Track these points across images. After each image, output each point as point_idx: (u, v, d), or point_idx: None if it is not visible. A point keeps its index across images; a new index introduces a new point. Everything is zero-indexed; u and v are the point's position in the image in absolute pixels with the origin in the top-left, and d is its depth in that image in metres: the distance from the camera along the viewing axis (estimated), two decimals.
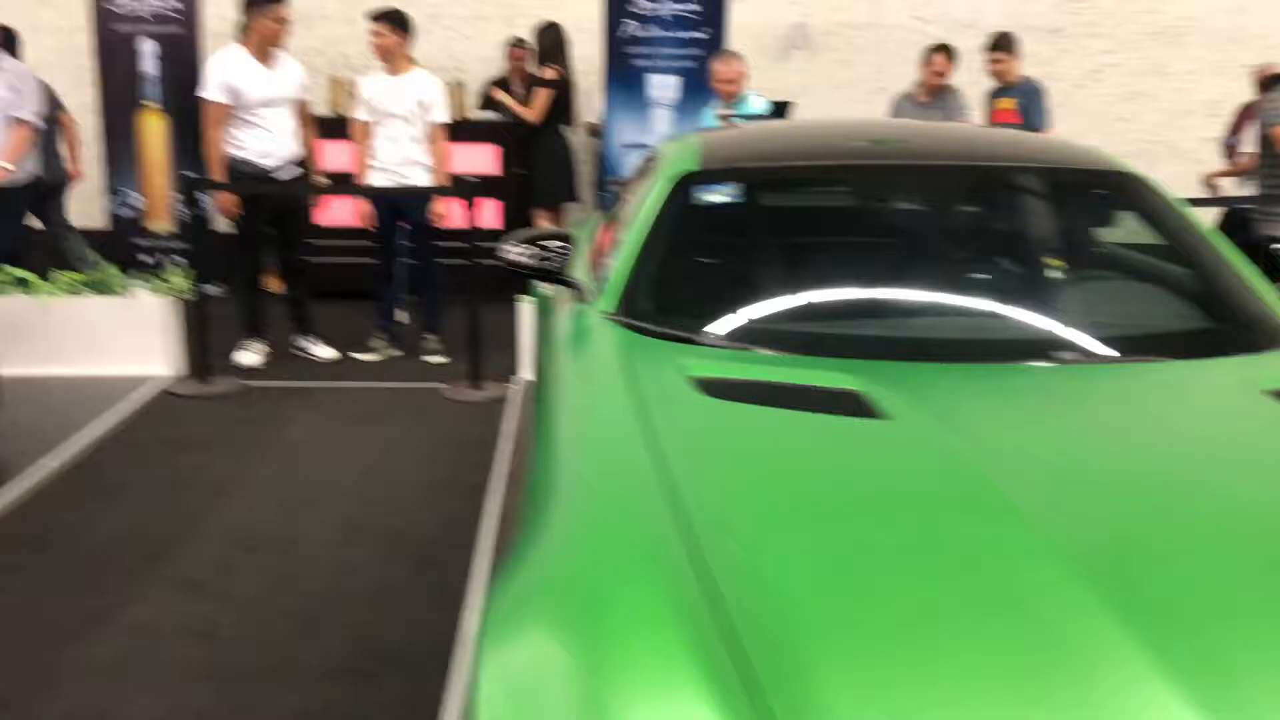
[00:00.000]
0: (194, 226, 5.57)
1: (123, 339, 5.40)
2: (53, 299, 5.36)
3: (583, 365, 2.46)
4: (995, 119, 6.56)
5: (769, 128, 4.41)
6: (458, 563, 3.52)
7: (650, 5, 7.01)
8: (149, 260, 7.37)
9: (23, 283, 5.37)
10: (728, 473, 1.75)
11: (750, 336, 2.39)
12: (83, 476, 4.26)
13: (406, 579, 3.43)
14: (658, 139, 7.23)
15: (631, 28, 7.01)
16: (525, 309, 5.42)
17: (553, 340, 2.97)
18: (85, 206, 7.60)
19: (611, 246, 3.01)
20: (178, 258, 7.26)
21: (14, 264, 5.47)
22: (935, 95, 6.73)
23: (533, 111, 7.20)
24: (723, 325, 2.43)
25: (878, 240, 3.06)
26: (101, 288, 5.41)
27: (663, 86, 7.15)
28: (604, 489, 1.76)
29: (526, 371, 5.44)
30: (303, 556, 3.58)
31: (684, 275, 2.81)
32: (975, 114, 6.91)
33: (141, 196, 7.39)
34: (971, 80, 6.96)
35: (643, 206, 2.87)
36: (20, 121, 5.75)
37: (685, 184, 2.89)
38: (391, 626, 3.12)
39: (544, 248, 2.94)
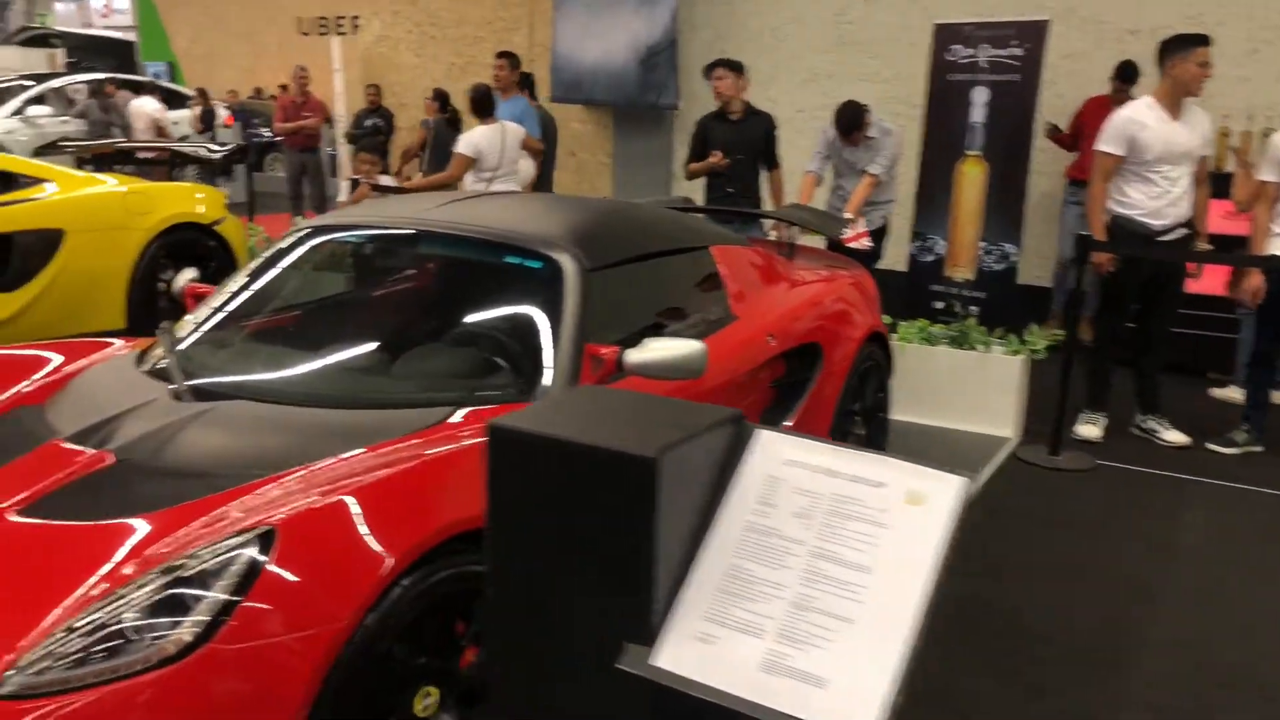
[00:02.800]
0: (1074, 286, 5.17)
1: (971, 394, 5.25)
2: (906, 344, 5.38)
3: None
4: None
5: None
6: None
7: None
8: (939, 306, 7.34)
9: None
10: None
11: None
12: (968, 545, 4.08)
13: None
14: None
15: None
16: None
17: None
18: (889, 248, 7.82)
19: None
20: (973, 307, 7.14)
21: None
22: None
23: None
24: None
25: None
26: (959, 340, 5.31)
27: None
28: None
29: None
30: None
31: None
32: None
33: (946, 243, 7.37)
34: None
35: None
36: (868, 174, 6.11)
37: None
38: None
39: None
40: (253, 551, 2.02)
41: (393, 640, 2.14)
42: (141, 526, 2.19)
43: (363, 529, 2.14)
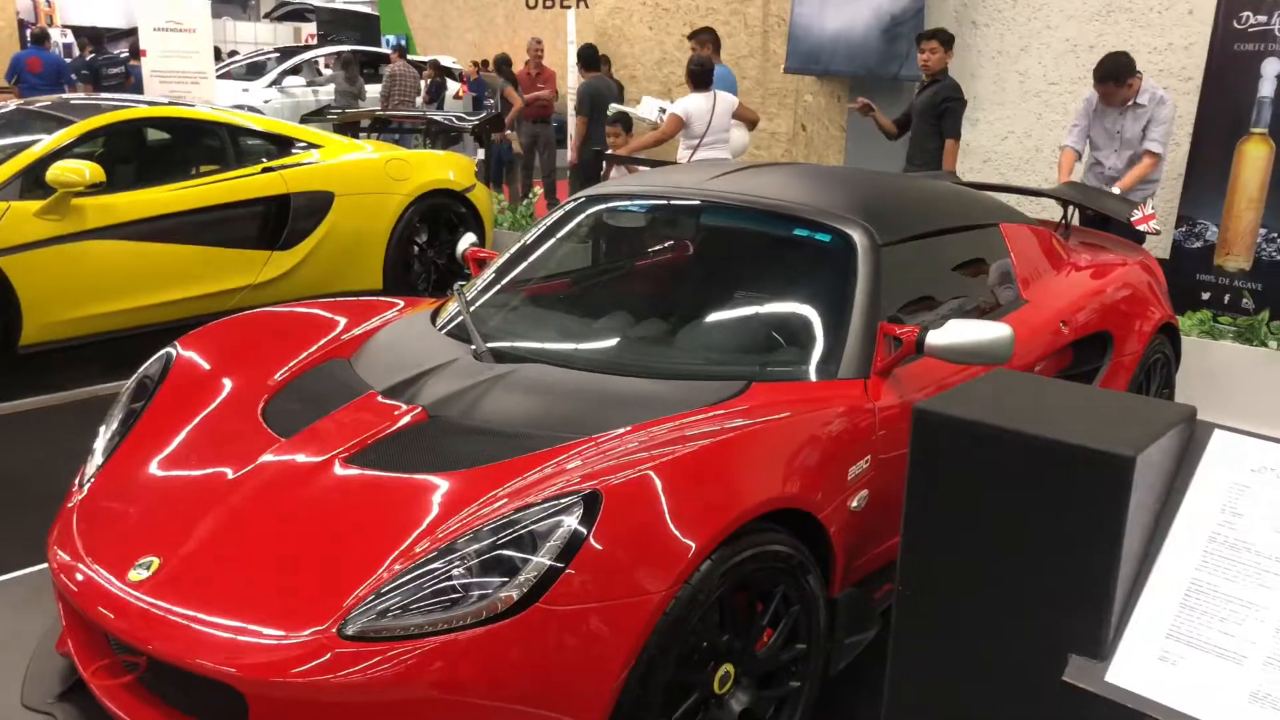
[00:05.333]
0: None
1: (1259, 395, 4.79)
2: (1185, 337, 4.96)
3: None
4: None
5: None
6: None
7: None
8: (1206, 297, 6.77)
9: None
10: None
11: None
12: None
13: None
14: None
15: None
16: None
17: None
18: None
19: None
20: (1246, 300, 6.54)
21: None
22: None
23: None
24: None
25: None
26: (1247, 334, 4.86)
27: None
28: None
29: None
30: None
31: None
32: None
33: (1218, 229, 6.77)
34: None
35: None
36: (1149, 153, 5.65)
37: None
38: None
39: None
40: (578, 515, 2.03)
41: (699, 616, 2.11)
42: (463, 482, 2.25)
43: (679, 502, 2.12)
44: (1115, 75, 5.58)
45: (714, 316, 3.02)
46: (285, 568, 2.16)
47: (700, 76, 6.93)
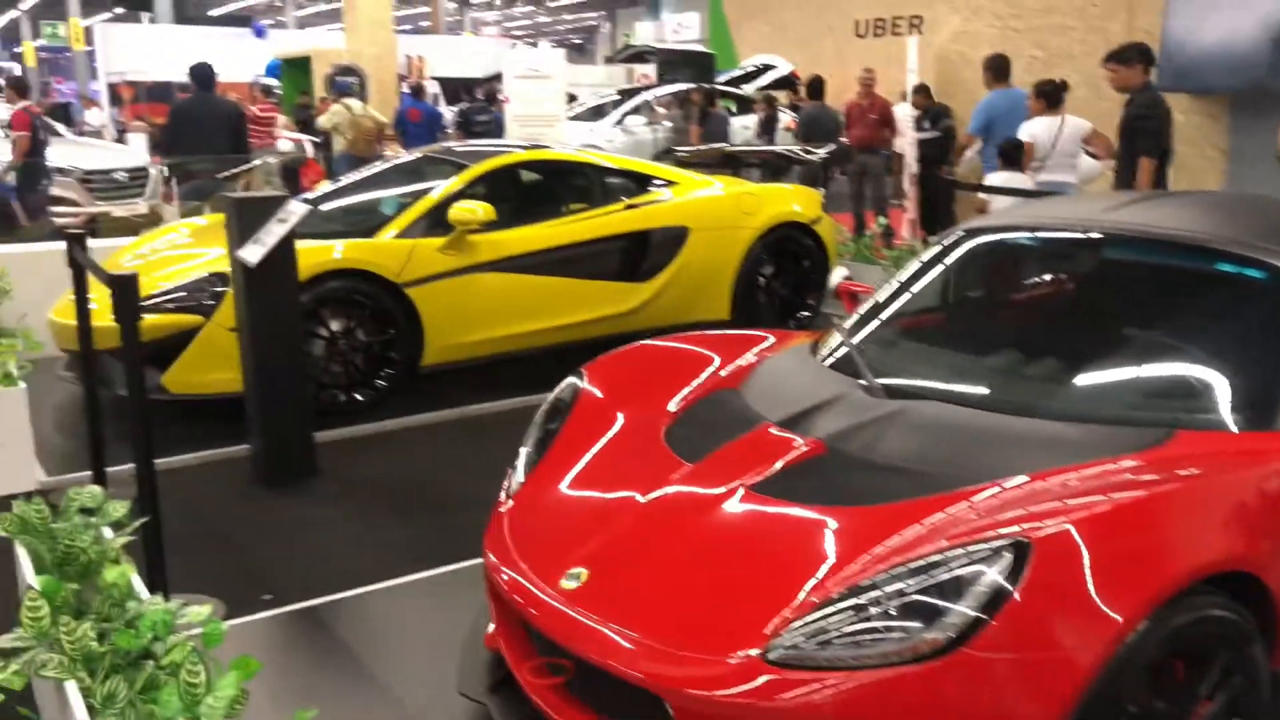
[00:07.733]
0: None
1: None
2: None
3: None
4: None
5: None
6: None
7: None
8: None
9: None
10: None
11: None
12: None
13: None
14: None
15: None
16: None
17: None
18: None
19: None
20: None
21: None
22: None
23: None
24: None
25: None
26: None
27: None
28: None
29: None
30: None
31: None
32: None
33: None
34: None
35: None
36: None
37: None
38: None
39: None
40: (1004, 564, 1.96)
41: (1133, 683, 1.98)
42: (872, 518, 2.25)
43: (1111, 559, 2.00)
44: None
45: (1125, 357, 2.84)
46: (703, 589, 2.25)
47: (1051, 96, 6.92)
